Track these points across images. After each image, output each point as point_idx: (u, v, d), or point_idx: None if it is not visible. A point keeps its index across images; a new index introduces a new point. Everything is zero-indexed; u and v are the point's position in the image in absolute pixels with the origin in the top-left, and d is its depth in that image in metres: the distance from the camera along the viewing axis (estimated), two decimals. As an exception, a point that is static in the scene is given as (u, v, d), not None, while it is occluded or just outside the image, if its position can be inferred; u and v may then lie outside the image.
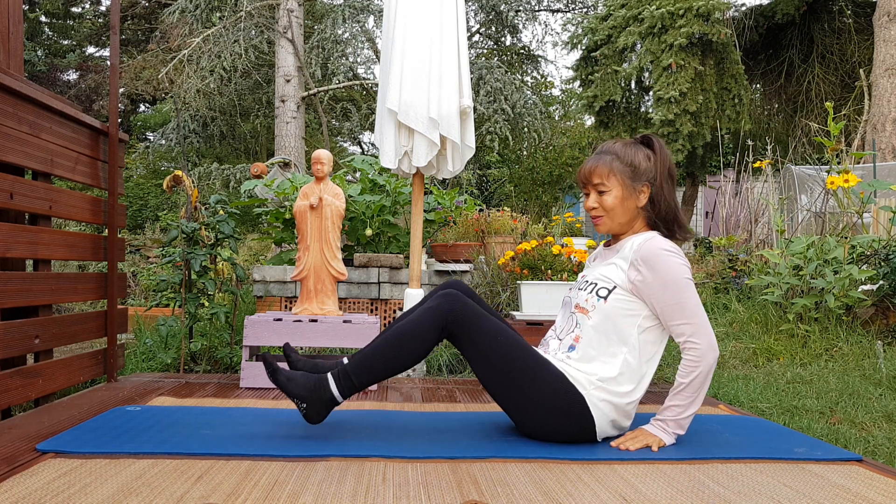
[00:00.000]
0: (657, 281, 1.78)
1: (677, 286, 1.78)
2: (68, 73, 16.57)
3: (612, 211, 1.88)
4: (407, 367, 1.84)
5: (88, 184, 2.69)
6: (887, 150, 7.86)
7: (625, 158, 1.87)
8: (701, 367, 1.77)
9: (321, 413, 1.82)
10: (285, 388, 1.82)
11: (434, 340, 1.83)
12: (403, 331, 1.83)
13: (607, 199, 1.87)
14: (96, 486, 1.43)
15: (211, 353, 3.34)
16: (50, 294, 2.40)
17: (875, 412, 2.57)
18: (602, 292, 1.85)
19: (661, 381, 3.18)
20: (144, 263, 7.76)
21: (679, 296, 1.78)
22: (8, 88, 2.13)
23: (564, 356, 1.86)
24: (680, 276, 1.78)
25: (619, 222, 1.89)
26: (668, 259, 1.79)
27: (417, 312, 1.85)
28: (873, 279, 3.63)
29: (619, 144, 1.91)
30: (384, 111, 3.04)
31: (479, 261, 3.95)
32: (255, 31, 10.22)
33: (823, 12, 11.30)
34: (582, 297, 1.90)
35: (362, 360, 1.83)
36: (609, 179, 1.87)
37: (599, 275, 1.89)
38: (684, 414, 1.81)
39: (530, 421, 1.86)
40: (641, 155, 1.88)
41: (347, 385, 1.82)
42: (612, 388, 1.81)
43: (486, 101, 10.06)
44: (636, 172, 1.87)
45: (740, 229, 6.07)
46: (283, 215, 4.65)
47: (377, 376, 1.84)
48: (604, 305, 1.83)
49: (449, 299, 1.82)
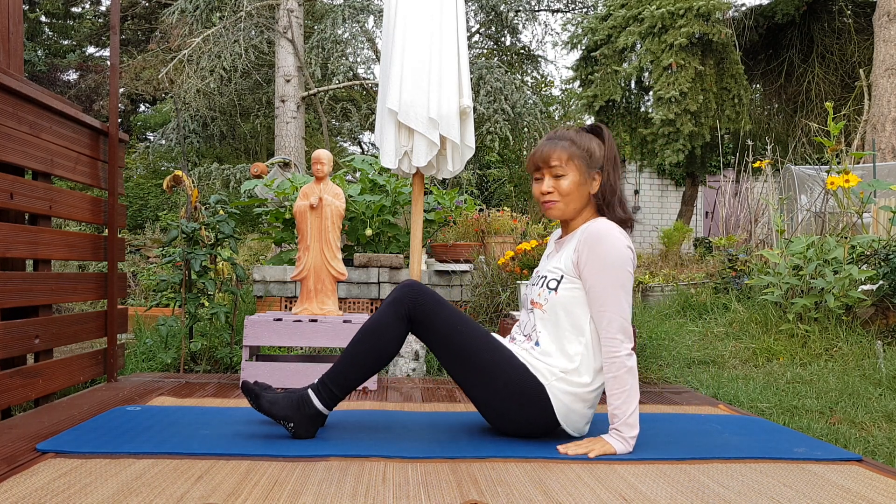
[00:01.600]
0: (596, 263, 1.77)
1: (613, 272, 1.76)
2: (68, 73, 16.57)
3: (567, 196, 1.86)
4: (382, 364, 1.86)
5: (88, 184, 2.69)
6: (887, 150, 7.86)
7: (581, 144, 1.86)
8: (620, 358, 1.75)
9: (309, 430, 1.84)
10: (270, 412, 1.83)
11: (402, 331, 1.85)
12: (370, 329, 1.85)
13: (564, 183, 1.86)
14: (96, 486, 1.43)
15: (211, 353, 3.34)
16: (50, 294, 2.40)
17: (875, 412, 2.57)
18: (552, 284, 1.85)
19: (661, 382, 3.18)
20: (144, 263, 7.76)
21: (611, 282, 1.76)
22: (8, 88, 2.13)
23: (530, 348, 1.88)
24: (620, 263, 1.77)
25: (573, 207, 1.88)
26: (613, 243, 1.77)
27: (380, 309, 1.88)
28: (873, 279, 3.63)
29: (572, 131, 1.90)
30: (384, 111, 3.04)
31: (479, 261, 3.95)
32: (255, 31, 10.22)
33: (823, 12, 11.30)
34: (535, 292, 1.91)
35: (337, 368, 1.85)
36: (567, 164, 1.85)
37: (550, 268, 1.90)
38: (628, 411, 1.76)
39: (496, 410, 1.87)
40: (594, 143, 1.88)
41: (328, 395, 1.84)
42: (574, 380, 1.81)
43: (486, 101, 10.06)
44: (591, 159, 1.86)
45: (740, 229, 6.08)
46: (283, 215, 4.65)
47: (355, 380, 1.85)
48: (555, 297, 1.83)
49: (407, 289, 1.86)
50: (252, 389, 1.86)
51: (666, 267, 7.54)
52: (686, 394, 2.83)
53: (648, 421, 2.20)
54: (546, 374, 1.81)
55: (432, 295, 1.87)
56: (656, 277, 6.28)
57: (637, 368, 1.80)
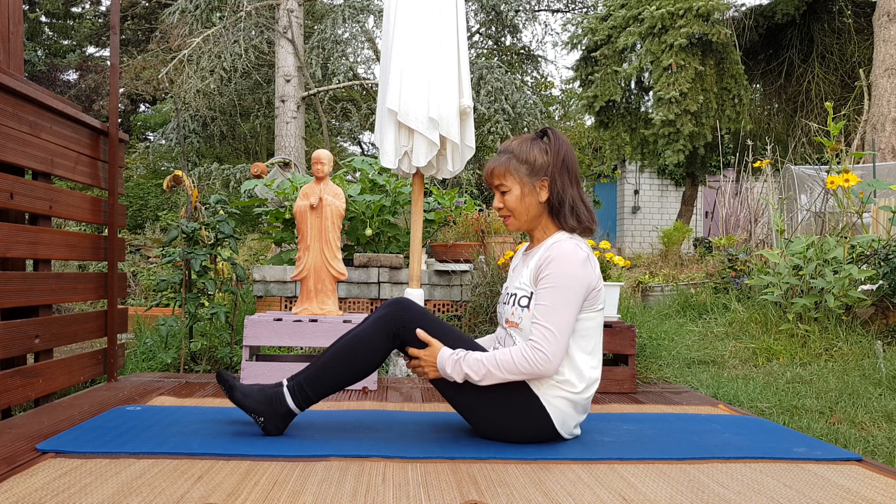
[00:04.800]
0: (549, 279, 1.76)
1: (560, 292, 1.74)
2: (68, 73, 16.57)
3: (515, 210, 1.87)
4: (362, 376, 1.86)
5: (88, 184, 2.69)
6: (887, 150, 7.86)
7: (520, 156, 1.85)
8: (525, 367, 1.73)
9: (279, 426, 1.85)
10: (241, 404, 1.84)
11: (386, 348, 1.84)
12: (355, 342, 1.84)
13: (509, 198, 1.86)
14: (96, 486, 1.43)
15: (211, 353, 3.34)
16: (50, 294, 2.40)
17: (875, 412, 2.57)
18: (523, 301, 1.83)
19: (661, 381, 3.18)
20: (144, 263, 7.76)
21: (556, 301, 1.74)
22: (8, 88, 2.13)
23: None
24: (570, 286, 1.75)
25: (524, 220, 1.88)
26: (567, 265, 1.75)
27: (368, 322, 1.87)
28: (873, 279, 3.63)
29: (516, 142, 1.89)
30: (384, 111, 3.04)
31: (479, 261, 3.95)
32: (255, 31, 10.22)
33: (823, 12, 11.31)
34: (508, 311, 1.89)
35: (316, 373, 1.85)
36: (506, 179, 1.86)
37: (518, 284, 1.88)
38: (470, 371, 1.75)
39: (487, 423, 1.85)
40: (538, 150, 1.86)
41: (303, 397, 1.84)
42: (566, 387, 1.81)
43: (487, 101, 10.06)
44: (533, 168, 1.85)
45: (740, 229, 6.08)
46: (283, 215, 4.65)
47: (332, 388, 1.85)
48: (528, 314, 1.82)
49: (397, 307, 1.85)
50: (227, 380, 1.87)
51: (666, 267, 7.54)
52: (686, 394, 2.83)
53: (649, 421, 2.20)
54: (538, 384, 1.81)
55: (421, 313, 1.86)
56: (656, 277, 6.28)
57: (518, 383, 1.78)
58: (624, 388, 2.81)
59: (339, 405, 2.37)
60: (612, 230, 16.06)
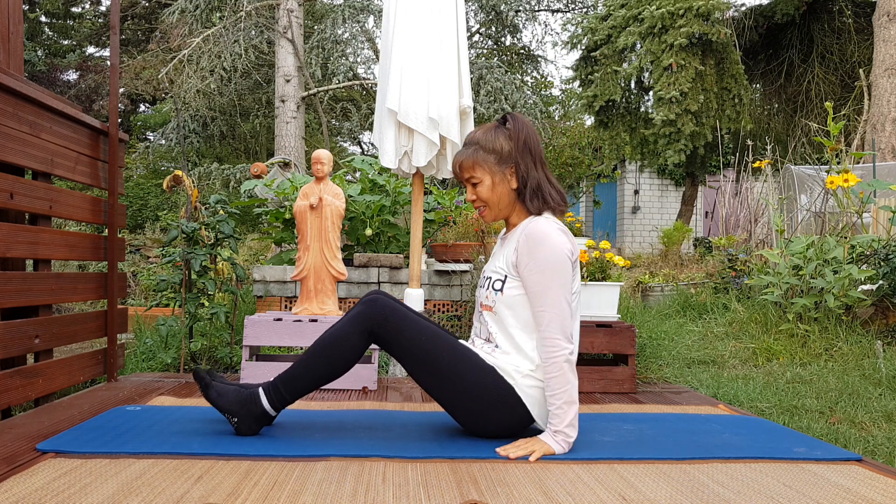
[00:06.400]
0: (534, 265, 1.77)
1: (551, 273, 1.76)
2: (68, 73, 16.57)
3: (489, 200, 1.87)
4: (337, 374, 1.86)
5: (88, 184, 2.69)
6: (887, 150, 7.86)
7: (486, 145, 1.85)
8: (557, 359, 1.74)
9: (252, 427, 1.85)
10: (216, 403, 1.84)
11: (361, 345, 1.84)
12: (330, 340, 1.84)
13: (481, 190, 1.86)
14: (96, 486, 1.43)
15: (211, 352, 3.34)
16: (50, 294, 2.40)
17: (875, 412, 2.57)
18: (497, 285, 1.85)
19: (661, 381, 3.18)
20: (144, 263, 7.76)
21: (550, 283, 1.75)
22: (8, 88, 2.13)
23: (491, 350, 1.87)
24: (558, 265, 1.76)
25: (500, 209, 1.89)
26: (551, 245, 1.76)
27: (342, 320, 1.87)
28: (873, 279, 3.64)
29: (480, 132, 1.89)
30: (384, 111, 3.04)
31: (479, 261, 3.95)
32: (255, 31, 10.22)
33: (823, 12, 11.30)
34: (483, 294, 1.90)
35: (292, 373, 1.85)
36: (476, 170, 1.86)
37: (493, 268, 1.89)
38: (569, 413, 1.75)
39: (469, 417, 1.86)
40: (503, 137, 1.86)
41: (278, 398, 1.84)
42: (539, 376, 1.81)
43: (486, 101, 10.06)
44: (501, 157, 1.85)
45: (740, 229, 6.07)
46: (283, 215, 4.65)
47: (307, 387, 1.85)
48: (501, 297, 1.83)
49: (372, 304, 1.84)
50: (203, 377, 1.86)
51: (666, 267, 7.54)
52: (686, 394, 2.83)
53: (649, 421, 2.20)
54: (513, 374, 1.82)
55: (396, 310, 1.85)
56: (656, 277, 6.28)
57: (576, 372, 1.79)
58: (624, 388, 2.81)
59: (339, 405, 2.37)
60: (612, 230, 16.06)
